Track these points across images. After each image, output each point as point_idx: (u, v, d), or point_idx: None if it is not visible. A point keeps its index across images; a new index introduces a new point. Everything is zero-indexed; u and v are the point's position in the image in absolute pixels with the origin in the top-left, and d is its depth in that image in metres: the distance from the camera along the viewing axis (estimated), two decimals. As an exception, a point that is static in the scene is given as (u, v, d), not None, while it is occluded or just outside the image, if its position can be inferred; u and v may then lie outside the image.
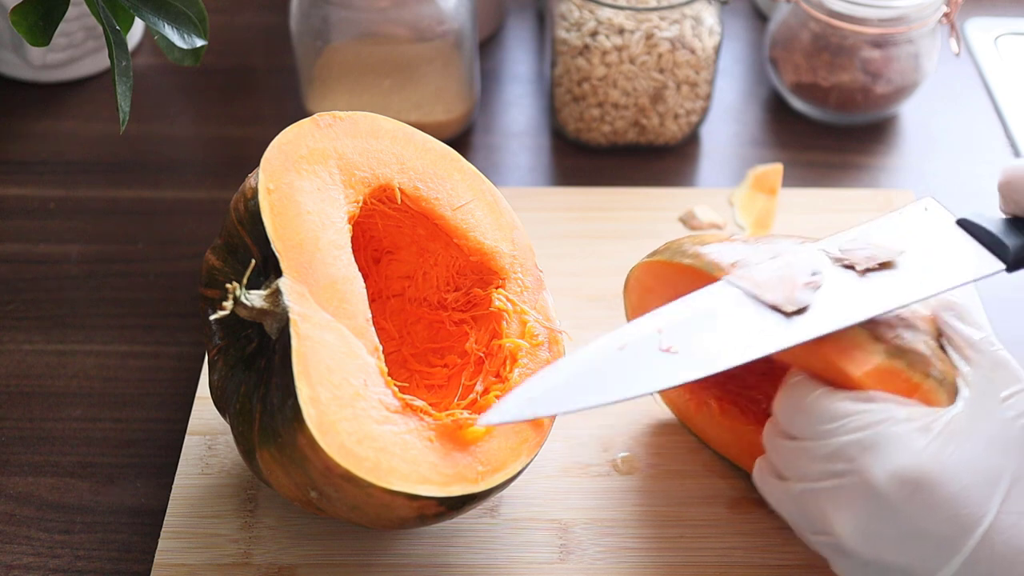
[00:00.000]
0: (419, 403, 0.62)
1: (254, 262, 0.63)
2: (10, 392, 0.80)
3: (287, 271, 0.61)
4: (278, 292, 0.61)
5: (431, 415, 0.62)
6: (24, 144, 0.98)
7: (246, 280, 0.62)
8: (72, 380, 0.80)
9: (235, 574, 0.67)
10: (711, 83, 0.94)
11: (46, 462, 0.76)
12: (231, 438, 0.73)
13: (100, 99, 1.02)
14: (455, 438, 0.62)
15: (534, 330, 0.67)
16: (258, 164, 0.64)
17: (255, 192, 0.63)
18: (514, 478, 0.63)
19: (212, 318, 0.62)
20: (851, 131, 1.00)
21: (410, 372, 0.71)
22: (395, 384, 0.62)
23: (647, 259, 0.69)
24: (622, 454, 0.74)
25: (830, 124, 1.00)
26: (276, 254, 0.61)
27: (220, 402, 0.65)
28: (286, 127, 0.66)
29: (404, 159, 0.68)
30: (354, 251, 0.65)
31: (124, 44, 0.68)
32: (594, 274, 0.84)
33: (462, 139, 0.99)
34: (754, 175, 0.93)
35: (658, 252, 0.69)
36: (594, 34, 0.90)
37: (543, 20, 1.08)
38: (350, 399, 0.59)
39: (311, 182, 0.64)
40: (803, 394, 0.60)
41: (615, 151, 0.98)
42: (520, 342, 0.67)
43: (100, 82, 1.04)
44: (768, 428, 0.63)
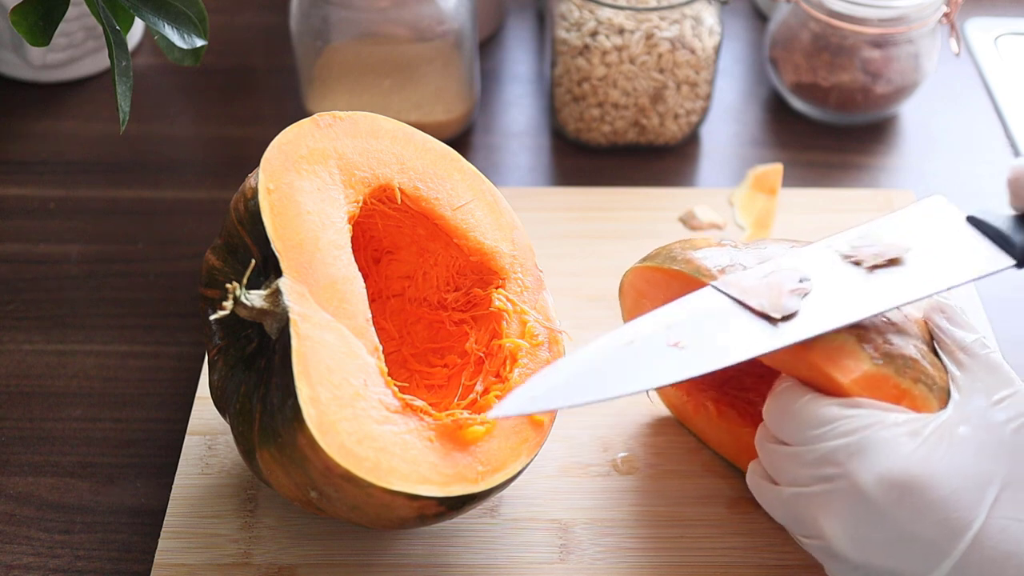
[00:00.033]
0: (419, 403, 0.62)
1: (254, 262, 0.63)
2: (10, 392, 0.80)
3: (287, 271, 0.61)
4: (278, 292, 0.61)
5: (431, 415, 0.62)
6: (24, 144, 0.98)
7: (246, 280, 0.62)
8: (72, 380, 0.80)
9: (235, 574, 0.67)
10: (711, 83, 0.94)
11: (46, 462, 0.76)
12: (231, 438, 0.73)
13: (100, 99, 1.02)
14: (455, 438, 0.62)
15: (534, 330, 0.67)
16: (258, 164, 0.64)
17: (255, 192, 0.63)
18: (514, 478, 0.63)
19: (212, 318, 0.62)
20: (851, 131, 1.00)
21: (410, 372, 0.71)
22: (395, 384, 0.62)
23: (639, 264, 0.69)
24: (622, 454, 0.74)
25: (830, 124, 1.00)
26: (276, 254, 0.61)
27: (220, 402, 0.65)
28: (286, 127, 0.66)
29: (404, 159, 0.68)
30: (354, 251, 0.65)
31: (124, 44, 0.68)
32: (594, 274, 0.84)
33: (462, 139, 0.99)
34: (754, 175, 0.93)
35: (649, 257, 0.69)
36: (594, 34, 0.90)
37: (543, 20, 1.08)
38: (350, 399, 0.59)
39: (311, 182, 0.64)
40: (791, 400, 0.60)
41: (615, 151, 0.97)
42: (520, 342, 0.67)
43: (100, 82, 1.04)
44: (759, 433, 0.63)
